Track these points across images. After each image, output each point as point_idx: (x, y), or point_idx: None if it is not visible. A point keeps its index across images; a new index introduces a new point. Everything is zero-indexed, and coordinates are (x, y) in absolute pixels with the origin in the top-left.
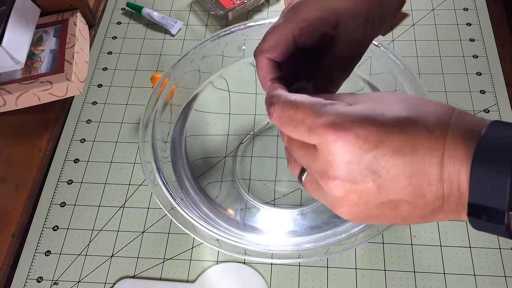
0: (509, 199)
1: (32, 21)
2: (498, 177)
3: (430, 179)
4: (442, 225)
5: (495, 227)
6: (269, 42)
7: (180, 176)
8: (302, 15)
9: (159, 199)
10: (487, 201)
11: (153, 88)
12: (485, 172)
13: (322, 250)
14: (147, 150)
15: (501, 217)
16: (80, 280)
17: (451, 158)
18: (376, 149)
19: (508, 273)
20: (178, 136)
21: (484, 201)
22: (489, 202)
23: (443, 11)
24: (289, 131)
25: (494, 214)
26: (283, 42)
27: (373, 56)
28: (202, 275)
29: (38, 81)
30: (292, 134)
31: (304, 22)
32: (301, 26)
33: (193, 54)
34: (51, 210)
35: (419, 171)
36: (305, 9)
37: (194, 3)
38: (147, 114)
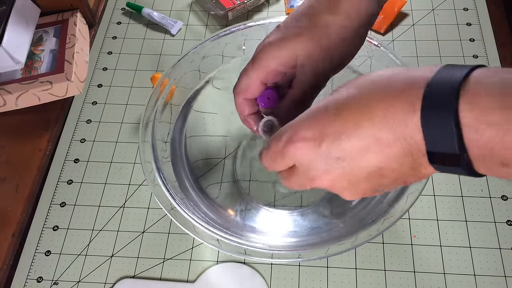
0: (458, 141)
1: (32, 21)
2: (445, 123)
3: (386, 142)
4: (442, 225)
5: (455, 169)
6: (241, 85)
7: (180, 176)
8: (265, 62)
9: (159, 199)
10: (441, 148)
11: (153, 88)
12: (432, 121)
13: (322, 250)
14: (147, 150)
15: (457, 160)
16: (80, 280)
17: (395, 117)
18: (324, 141)
19: (508, 273)
20: (178, 136)
21: (438, 148)
22: (442, 148)
23: (443, 11)
24: (274, 166)
25: (450, 158)
26: (252, 85)
27: (373, 56)
28: (202, 275)
29: (38, 81)
30: (276, 167)
31: (268, 67)
32: (266, 72)
33: (193, 54)
34: (51, 210)
35: (372, 141)
36: (268, 56)
37: (194, 3)
38: (147, 114)
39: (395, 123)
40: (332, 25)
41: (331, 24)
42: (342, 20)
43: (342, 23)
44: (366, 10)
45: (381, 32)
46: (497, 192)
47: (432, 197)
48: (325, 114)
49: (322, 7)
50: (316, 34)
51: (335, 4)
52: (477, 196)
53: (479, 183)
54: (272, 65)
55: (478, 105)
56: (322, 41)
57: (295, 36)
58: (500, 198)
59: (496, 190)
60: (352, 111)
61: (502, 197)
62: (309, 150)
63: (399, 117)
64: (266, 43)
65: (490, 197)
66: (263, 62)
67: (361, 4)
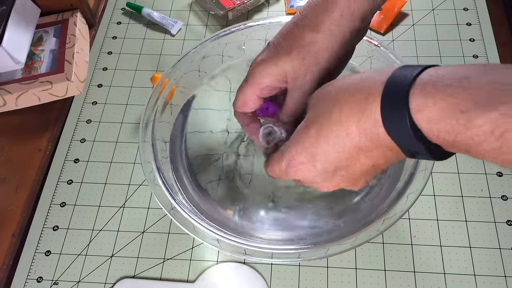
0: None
1: (32, 21)
2: (402, 125)
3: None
4: (442, 225)
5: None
6: (239, 102)
7: (180, 175)
8: (259, 79)
9: (159, 199)
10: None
11: (153, 88)
12: (393, 126)
13: (322, 250)
14: (147, 150)
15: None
16: (80, 280)
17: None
18: (317, 161)
19: (508, 273)
20: (178, 136)
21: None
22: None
23: (443, 11)
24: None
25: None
26: (248, 100)
27: (373, 56)
28: (202, 275)
29: (38, 81)
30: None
31: (262, 84)
32: (260, 88)
33: (193, 54)
34: (51, 210)
35: (357, 151)
36: (262, 74)
37: (194, 3)
38: (147, 114)
39: (368, 132)
40: (316, 42)
41: (315, 42)
42: (326, 37)
43: (326, 40)
44: (350, 27)
45: (381, 32)
46: (497, 192)
47: (432, 197)
48: (307, 136)
49: (306, 26)
50: (301, 53)
51: (318, 23)
52: (477, 196)
53: (479, 183)
54: (266, 81)
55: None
56: (308, 59)
57: (284, 55)
58: (500, 198)
59: (496, 190)
60: (329, 129)
61: (502, 197)
62: (308, 171)
63: (370, 128)
64: (258, 60)
65: (490, 197)
66: (256, 80)
67: (343, 22)
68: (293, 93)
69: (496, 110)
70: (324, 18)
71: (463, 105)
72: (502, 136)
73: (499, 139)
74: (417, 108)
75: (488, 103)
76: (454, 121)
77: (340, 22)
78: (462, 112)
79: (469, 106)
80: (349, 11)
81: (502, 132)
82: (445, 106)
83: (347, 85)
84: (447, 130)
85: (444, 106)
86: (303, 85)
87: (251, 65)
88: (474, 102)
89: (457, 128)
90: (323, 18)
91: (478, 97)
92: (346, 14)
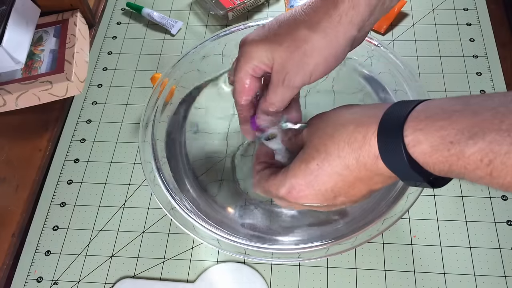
0: (408, 160)
1: (32, 21)
2: (398, 158)
3: (368, 177)
4: (442, 225)
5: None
6: (238, 86)
7: (180, 175)
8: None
9: (159, 199)
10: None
11: (153, 88)
12: (390, 160)
13: (322, 250)
14: (147, 150)
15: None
16: (80, 280)
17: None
18: (320, 189)
19: (508, 273)
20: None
21: (405, 179)
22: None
23: (443, 11)
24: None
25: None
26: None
27: (373, 56)
28: (202, 275)
29: (38, 81)
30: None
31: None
32: (252, 67)
33: (193, 54)
34: (51, 210)
35: (356, 180)
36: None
37: (194, 3)
38: (147, 114)
39: (368, 166)
40: (308, 41)
41: (307, 41)
42: (319, 39)
43: (318, 41)
44: (345, 34)
45: (381, 32)
46: (497, 192)
47: (432, 197)
48: (309, 170)
49: (303, 22)
50: (291, 47)
51: (315, 22)
52: (477, 196)
53: None
54: (254, 61)
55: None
56: (296, 55)
57: (275, 43)
58: (500, 198)
59: (496, 190)
60: (329, 164)
61: (502, 197)
62: (309, 197)
63: (369, 162)
64: (249, 39)
65: (490, 197)
66: (247, 58)
67: (340, 27)
68: (274, 83)
69: (483, 140)
70: (322, 19)
71: (453, 137)
72: (491, 163)
73: (489, 165)
74: (412, 143)
75: (475, 133)
76: (446, 152)
77: (337, 27)
78: (452, 143)
79: (458, 138)
80: (347, 17)
81: (490, 160)
82: (437, 139)
83: (343, 123)
84: (441, 161)
85: (436, 139)
86: (285, 80)
87: (241, 41)
88: (462, 133)
89: (450, 158)
90: (321, 19)
91: (466, 128)
92: (344, 20)
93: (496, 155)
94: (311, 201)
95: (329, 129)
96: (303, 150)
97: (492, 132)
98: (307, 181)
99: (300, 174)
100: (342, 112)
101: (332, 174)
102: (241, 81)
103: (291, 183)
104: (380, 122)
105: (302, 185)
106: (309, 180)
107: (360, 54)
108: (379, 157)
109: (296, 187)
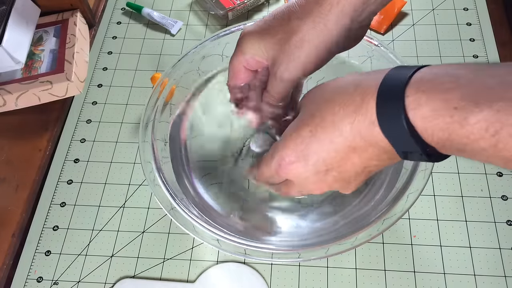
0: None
1: (32, 21)
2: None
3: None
4: (442, 225)
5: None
6: (229, 74)
7: (180, 176)
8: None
9: (159, 199)
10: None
11: (153, 88)
12: (388, 126)
13: (322, 250)
14: (147, 150)
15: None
16: (80, 280)
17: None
18: (309, 160)
19: (508, 273)
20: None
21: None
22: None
23: (443, 11)
24: (271, 182)
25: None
26: (237, 71)
27: (373, 56)
28: (202, 275)
29: (38, 81)
30: (273, 183)
31: (246, 54)
32: (246, 59)
33: (193, 54)
34: (51, 210)
35: (349, 150)
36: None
37: (194, 3)
38: (147, 114)
39: (363, 133)
40: (298, 32)
41: (298, 32)
42: (309, 29)
43: (308, 32)
44: (337, 24)
45: (381, 32)
46: (497, 192)
47: (432, 197)
48: (300, 137)
49: (294, 12)
50: (283, 39)
51: (306, 12)
52: (477, 196)
53: (479, 183)
54: (250, 53)
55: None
56: (288, 46)
57: (268, 35)
58: (500, 198)
59: (496, 190)
60: (323, 130)
61: (502, 197)
62: (299, 170)
63: (364, 128)
64: (246, 31)
65: (490, 197)
66: (242, 50)
67: (330, 16)
68: (271, 76)
69: (490, 107)
70: (313, 9)
71: (457, 102)
72: (496, 134)
73: (494, 136)
74: (412, 105)
75: (482, 100)
76: (448, 118)
77: (327, 16)
78: (456, 109)
79: (463, 104)
80: (338, 7)
81: (496, 130)
82: (439, 103)
83: (341, 86)
84: (441, 127)
85: (438, 103)
86: (277, 73)
87: (241, 33)
88: (468, 99)
89: (452, 125)
90: (312, 9)
91: (472, 95)
92: (334, 9)
93: (503, 125)
94: (302, 174)
95: (326, 94)
96: (296, 118)
97: (500, 100)
98: (297, 150)
99: (291, 143)
100: (339, 79)
101: (324, 141)
102: (233, 73)
103: (280, 154)
104: (380, 83)
105: (291, 155)
106: (300, 149)
107: (360, 54)
108: (376, 123)
109: (286, 158)
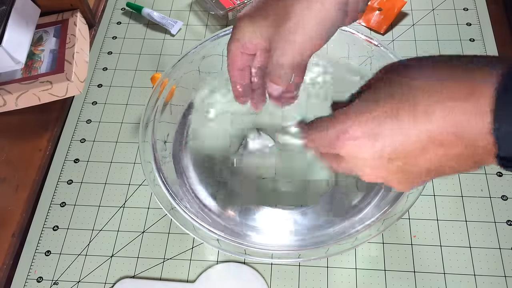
0: None
1: (32, 21)
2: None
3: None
4: (442, 225)
5: None
6: (228, 60)
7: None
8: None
9: (159, 199)
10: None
11: (153, 88)
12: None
13: (322, 250)
14: (147, 150)
15: None
16: (80, 280)
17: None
18: (377, 141)
19: (508, 273)
20: (179, 136)
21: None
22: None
23: (443, 11)
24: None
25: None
26: (234, 56)
27: (373, 56)
28: (202, 275)
29: (38, 81)
30: (322, 151)
31: (242, 39)
32: (242, 44)
33: (193, 54)
34: (51, 210)
35: (432, 145)
36: (242, 30)
37: (194, 3)
38: (147, 114)
39: (460, 126)
40: (292, 12)
41: (291, 12)
42: (303, 8)
43: (303, 11)
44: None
45: (381, 32)
46: (497, 192)
47: (432, 197)
48: (375, 110)
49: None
50: (276, 21)
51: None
52: (477, 196)
53: (479, 183)
54: (245, 37)
55: None
56: (282, 30)
57: (261, 18)
58: (500, 198)
59: (496, 190)
60: (406, 114)
61: (502, 197)
62: (361, 148)
63: (466, 121)
64: (241, 15)
65: (490, 197)
66: (237, 35)
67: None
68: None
69: None
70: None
71: None
72: None
73: None
74: None
75: None
76: None
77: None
78: None
79: None
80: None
81: None
82: None
83: (444, 69)
84: None
85: None
86: (273, 58)
87: (236, 17)
88: None
89: None
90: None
91: None
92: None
93: None
94: (363, 153)
95: (411, 74)
96: (364, 95)
97: None
98: (366, 127)
99: (361, 117)
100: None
101: (404, 123)
102: (231, 58)
103: (343, 126)
104: (505, 74)
105: (357, 130)
106: (370, 127)
107: (360, 54)
108: (488, 118)
109: (350, 132)
